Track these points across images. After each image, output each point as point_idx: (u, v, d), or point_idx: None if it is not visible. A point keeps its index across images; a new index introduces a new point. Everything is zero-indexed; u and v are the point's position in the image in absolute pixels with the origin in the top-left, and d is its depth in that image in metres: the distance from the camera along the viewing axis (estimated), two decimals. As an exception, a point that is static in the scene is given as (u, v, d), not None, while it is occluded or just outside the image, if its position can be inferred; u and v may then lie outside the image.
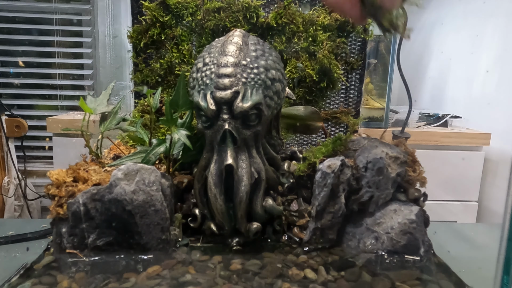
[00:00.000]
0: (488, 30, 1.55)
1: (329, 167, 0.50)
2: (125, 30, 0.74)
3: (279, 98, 0.54)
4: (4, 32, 1.71)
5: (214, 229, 0.52)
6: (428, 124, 1.51)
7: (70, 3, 1.74)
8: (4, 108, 1.64)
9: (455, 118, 1.56)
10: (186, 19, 0.71)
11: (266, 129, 0.57)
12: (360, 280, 0.45)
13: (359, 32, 0.74)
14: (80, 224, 0.47)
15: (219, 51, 0.51)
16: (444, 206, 1.43)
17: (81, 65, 1.78)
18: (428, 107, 1.77)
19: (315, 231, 0.51)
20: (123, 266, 0.47)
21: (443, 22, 1.83)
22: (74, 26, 1.76)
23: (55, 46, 1.72)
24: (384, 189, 0.51)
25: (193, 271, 0.46)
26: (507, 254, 0.36)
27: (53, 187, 0.49)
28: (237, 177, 0.49)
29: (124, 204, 0.47)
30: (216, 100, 0.48)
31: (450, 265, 0.50)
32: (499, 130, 1.42)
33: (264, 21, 0.71)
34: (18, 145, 1.67)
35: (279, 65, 0.54)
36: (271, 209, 0.52)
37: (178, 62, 0.72)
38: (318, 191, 0.51)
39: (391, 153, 0.52)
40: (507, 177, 0.35)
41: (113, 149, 0.64)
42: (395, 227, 0.50)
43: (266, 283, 0.44)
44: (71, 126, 0.83)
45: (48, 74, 1.76)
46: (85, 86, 1.77)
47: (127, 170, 0.48)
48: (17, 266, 0.47)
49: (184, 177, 0.56)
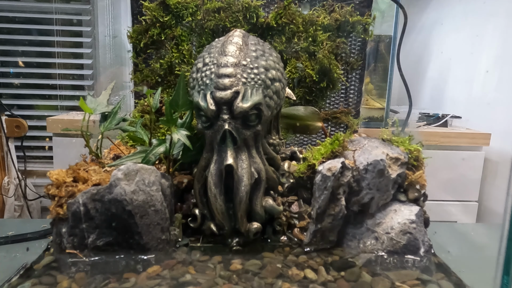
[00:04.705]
0: (488, 30, 1.55)
1: (329, 170, 0.50)
2: (125, 30, 0.74)
3: (279, 98, 0.54)
4: (4, 32, 1.71)
5: (214, 229, 0.52)
6: (428, 124, 1.51)
7: (70, 3, 1.74)
8: (4, 108, 1.64)
9: (455, 118, 1.56)
10: (186, 19, 0.71)
11: (266, 129, 0.57)
12: (360, 280, 0.45)
13: (359, 32, 0.74)
14: (80, 224, 0.47)
15: (219, 51, 0.51)
16: (444, 206, 1.43)
17: (81, 65, 1.78)
18: (428, 107, 1.77)
19: (316, 233, 0.51)
20: (123, 266, 0.47)
21: (443, 22, 1.83)
22: (74, 26, 1.76)
23: (55, 46, 1.72)
24: (385, 190, 0.51)
25: (193, 271, 0.46)
26: (507, 254, 0.36)
27: (53, 187, 0.49)
28: (237, 177, 0.49)
29: (124, 204, 0.47)
30: (216, 100, 0.48)
31: (450, 265, 0.50)
32: (499, 130, 1.42)
33: (264, 21, 0.71)
34: (18, 145, 1.67)
35: (279, 65, 0.54)
36: (271, 209, 0.52)
37: (178, 62, 0.72)
38: (318, 194, 0.51)
39: (391, 154, 0.52)
40: (507, 177, 0.35)
41: (113, 149, 0.64)
42: (395, 227, 0.50)
43: (266, 283, 0.44)
44: (71, 126, 0.83)
45: (48, 74, 1.76)
46: (85, 86, 1.77)
47: (127, 170, 0.48)
48: (17, 266, 0.47)
49: (184, 177, 0.56)
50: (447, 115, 1.53)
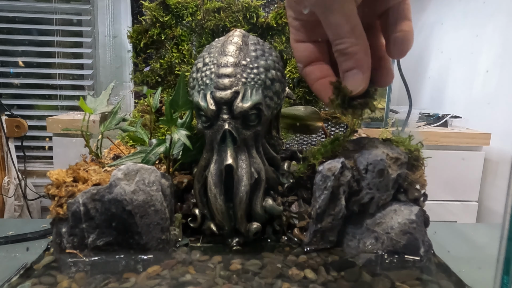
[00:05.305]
0: (488, 30, 1.55)
1: (329, 170, 0.50)
2: (125, 30, 0.74)
3: (279, 98, 0.54)
4: (4, 32, 1.71)
5: (214, 229, 0.52)
6: (428, 124, 1.51)
7: (70, 3, 1.74)
8: (4, 108, 1.64)
9: (455, 118, 1.56)
10: (186, 19, 0.71)
11: (266, 129, 0.57)
12: (360, 280, 0.45)
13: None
14: (80, 224, 0.47)
15: (219, 51, 0.51)
16: (444, 206, 1.43)
17: (81, 65, 1.78)
18: (428, 107, 1.78)
19: (316, 233, 0.51)
20: (123, 266, 0.47)
21: (443, 22, 1.83)
22: (74, 26, 1.76)
23: (55, 46, 1.72)
24: (385, 190, 0.51)
25: (193, 271, 0.46)
26: (507, 254, 0.36)
27: (53, 187, 0.49)
28: (237, 177, 0.49)
29: (124, 204, 0.47)
30: (216, 100, 0.48)
31: (450, 265, 0.50)
32: (499, 130, 1.42)
33: (264, 21, 0.71)
34: (18, 145, 1.68)
35: (279, 65, 0.54)
36: (271, 209, 0.52)
37: (178, 62, 0.72)
38: (318, 194, 0.51)
39: (391, 153, 0.52)
40: (507, 177, 0.35)
41: (113, 149, 0.64)
42: (395, 227, 0.50)
43: (266, 283, 0.44)
44: (71, 126, 0.83)
45: (48, 74, 1.76)
46: (85, 86, 1.77)
47: (127, 170, 0.48)
48: (17, 266, 0.47)
49: (184, 177, 0.56)
50: (447, 115, 1.53)
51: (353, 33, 0.45)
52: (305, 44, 0.52)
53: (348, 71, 0.47)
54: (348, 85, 0.47)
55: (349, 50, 0.45)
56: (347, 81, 0.47)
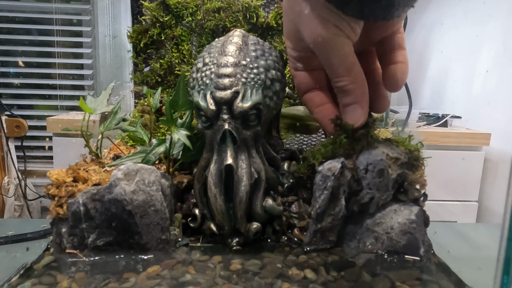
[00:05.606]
0: (488, 30, 1.55)
1: (330, 170, 0.50)
2: (125, 30, 0.74)
3: (279, 98, 0.54)
4: (4, 32, 1.71)
5: (214, 229, 0.52)
6: (428, 124, 1.51)
7: (70, 3, 1.74)
8: (4, 108, 1.64)
9: (455, 118, 1.56)
10: (186, 19, 0.71)
11: (266, 129, 0.57)
12: (360, 280, 0.45)
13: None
14: (80, 224, 0.47)
15: (219, 51, 0.51)
16: (444, 206, 1.43)
17: (81, 65, 1.78)
18: (428, 107, 1.78)
19: (316, 233, 0.51)
20: (123, 266, 0.47)
21: (443, 22, 1.84)
22: (74, 26, 1.76)
23: (55, 46, 1.72)
24: (385, 190, 0.51)
25: (193, 271, 0.46)
26: (507, 254, 0.36)
27: (53, 187, 0.49)
28: (237, 177, 0.49)
29: (124, 204, 0.47)
30: (216, 100, 0.48)
31: (450, 265, 0.50)
32: (499, 130, 1.42)
33: (264, 21, 0.71)
34: (18, 145, 1.68)
35: (279, 65, 0.54)
36: (271, 209, 0.52)
37: (178, 62, 0.72)
38: (318, 194, 0.51)
39: (391, 153, 0.52)
40: (507, 177, 0.35)
41: (113, 149, 0.64)
42: (395, 227, 0.50)
43: (266, 283, 0.44)
44: (71, 126, 0.83)
45: (48, 74, 1.76)
46: (85, 86, 1.77)
47: (127, 170, 0.48)
48: (17, 266, 0.47)
49: (184, 177, 0.56)
50: (447, 115, 1.53)
51: (351, 72, 0.47)
52: (304, 72, 0.53)
53: (348, 106, 0.49)
54: (348, 119, 0.50)
55: (348, 87, 0.47)
56: (347, 115, 0.50)
